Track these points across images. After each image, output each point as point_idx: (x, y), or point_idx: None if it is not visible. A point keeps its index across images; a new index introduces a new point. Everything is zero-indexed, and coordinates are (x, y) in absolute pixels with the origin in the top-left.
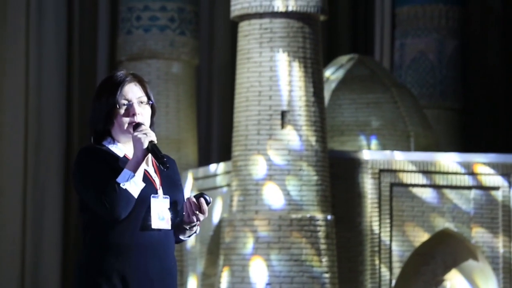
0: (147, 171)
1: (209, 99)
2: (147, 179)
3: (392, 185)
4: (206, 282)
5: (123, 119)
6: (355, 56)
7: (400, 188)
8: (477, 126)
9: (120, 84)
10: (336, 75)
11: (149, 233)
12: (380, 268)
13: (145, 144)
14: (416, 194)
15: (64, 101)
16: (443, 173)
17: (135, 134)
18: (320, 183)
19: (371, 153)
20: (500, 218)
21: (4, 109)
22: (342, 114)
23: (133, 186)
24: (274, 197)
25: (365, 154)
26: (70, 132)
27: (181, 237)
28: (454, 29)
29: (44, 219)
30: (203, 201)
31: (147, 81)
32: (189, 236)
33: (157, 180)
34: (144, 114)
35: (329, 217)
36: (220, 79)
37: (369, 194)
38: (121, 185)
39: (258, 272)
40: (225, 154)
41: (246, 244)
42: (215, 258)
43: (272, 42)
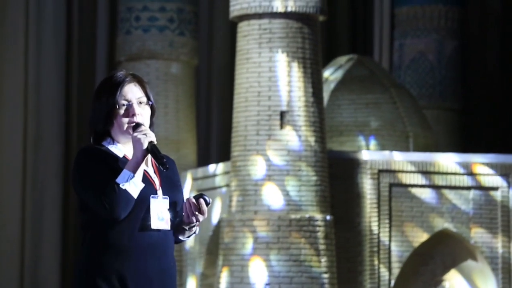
0: (146, 172)
1: (208, 99)
2: (147, 180)
3: (391, 186)
4: (205, 282)
5: (123, 120)
6: (354, 56)
7: (399, 189)
8: (476, 127)
9: (120, 84)
10: (335, 76)
11: (149, 233)
12: (379, 269)
13: (145, 145)
14: (415, 195)
15: (63, 100)
16: (442, 173)
17: (135, 134)
18: (319, 184)
19: (370, 154)
20: (499, 218)
21: (3, 108)
22: (341, 114)
23: (132, 186)
24: (273, 197)
25: (364, 155)
26: (69, 131)
27: (180, 237)
28: (453, 29)
29: (43, 218)
30: (202, 202)
31: (147, 81)
32: (188, 237)
33: (156, 181)
34: (143, 115)
35: (328, 217)
36: (219, 79)
37: (368, 195)
38: (120, 185)
39: (257, 272)
40: (224, 155)
41: (245, 244)
42: (214, 258)
43: (271, 42)
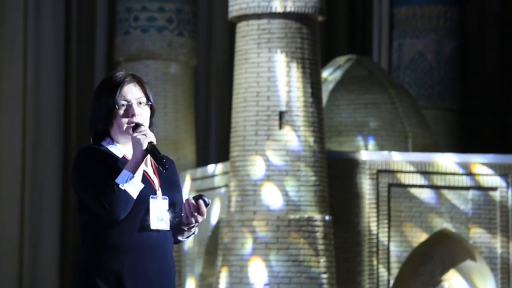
0: (146, 172)
1: (207, 99)
2: (146, 180)
3: (390, 186)
4: (204, 282)
5: (122, 120)
6: (353, 56)
7: (398, 189)
8: (475, 127)
9: (120, 84)
10: (334, 76)
11: (148, 233)
12: (378, 269)
13: (144, 145)
14: (414, 195)
15: (62, 101)
16: (441, 173)
17: (134, 135)
18: (318, 184)
19: (369, 154)
20: (498, 218)
21: (2, 108)
22: (340, 114)
23: (132, 187)
24: (272, 197)
25: (363, 155)
26: (68, 132)
27: (179, 238)
28: (452, 29)
29: (42, 219)
30: (201, 203)
31: (146, 81)
32: (187, 237)
33: (156, 181)
34: (143, 115)
35: (327, 217)
36: (218, 79)
37: (367, 195)
38: (120, 186)
39: (256, 273)
40: (223, 155)
41: (244, 244)
42: (213, 258)
43: (270, 42)
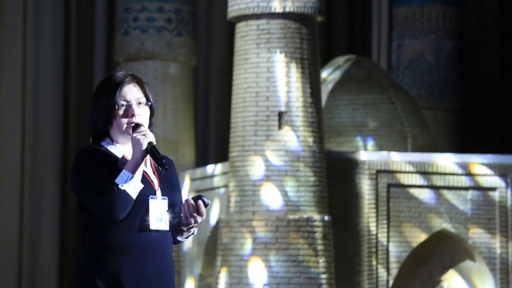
0: (145, 172)
1: (206, 100)
2: (146, 180)
3: (389, 186)
4: (203, 283)
5: (122, 120)
6: (352, 57)
7: (397, 189)
8: (475, 127)
9: (119, 85)
10: (333, 76)
11: (147, 234)
12: (378, 269)
13: (144, 145)
14: (413, 195)
15: (61, 102)
16: (441, 173)
17: (134, 135)
18: (317, 184)
19: (368, 154)
20: (497, 218)
21: (1, 110)
22: (339, 115)
23: (131, 187)
24: (271, 198)
25: (362, 155)
26: (67, 133)
27: (178, 238)
28: (451, 30)
29: (41, 220)
30: (201, 203)
31: (146, 82)
32: (186, 238)
33: (155, 181)
34: (143, 115)
35: (326, 217)
36: (218, 80)
37: (366, 195)
38: (119, 186)
39: (255, 273)
40: (223, 155)
41: (243, 245)
42: (212, 259)
43: (269, 43)
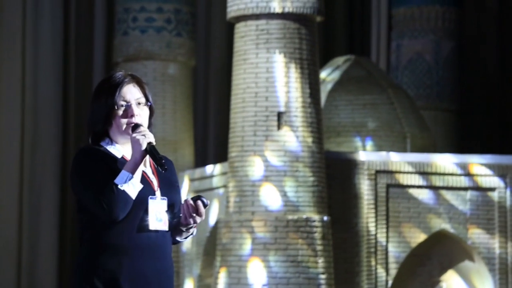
0: (145, 173)
1: (205, 100)
2: (145, 181)
3: (388, 186)
4: (202, 283)
5: (121, 120)
6: (352, 57)
7: (397, 189)
8: (474, 127)
9: (119, 85)
10: (332, 76)
11: (147, 234)
12: (377, 269)
13: (144, 146)
14: (412, 195)
15: (60, 101)
16: (440, 174)
17: (134, 135)
18: (316, 184)
19: (367, 154)
20: (496, 219)
21: (1, 109)
22: (338, 115)
23: (131, 187)
24: (270, 198)
25: (362, 155)
26: (66, 133)
27: (177, 238)
28: (450, 30)
29: (40, 220)
30: (200, 204)
31: (146, 82)
32: (185, 238)
33: (155, 182)
34: (142, 115)
35: (325, 218)
36: (217, 80)
37: (365, 195)
38: (119, 186)
39: (254, 273)
40: (222, 155)
41: (242, 245)
42: (211, 259)
43: (268, 43)
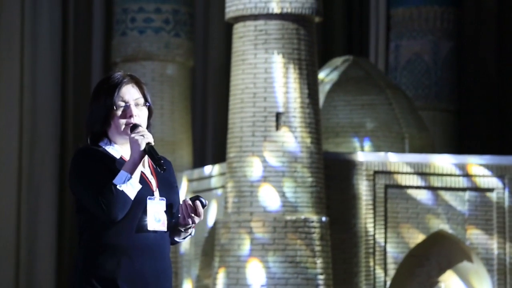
0: (143, 173)
1: (204, 100)
2: (144, 181)
3: (386, 187)
4: (200, 284)
5: (120, 121)
6: (350, 57)
7: (395, 190)
8: (472, 128)
9: (118, 85)
10: (330, 77)
11: (145, 234)
12: (375, 270)
13: (142, 146)
14: (411, 196)
15: (59, 101)
16: (438, 174)
17: (132, 135)
18: (315, 185)
19: (365, 155)
20: (494, 219)
21: None
22: (337, 115)
23: (129, 188)
24: (269, 198)
25: (360, 156)
26: (64, 133)
27: (176, 239)
28: (449, 30)
29: (38, 220)
30: (199, 204)
31: (144, 82)
32: (184, 238)
33: (153, 182)
34: (141, 116)
35: (323, 218)
36: (215, 80)
37: (363, 196)
38: (117, 186)
39: (253, 274)
40: (220, 156)
41: (241, 245)
42: (209, 260)
43: (267, 43)
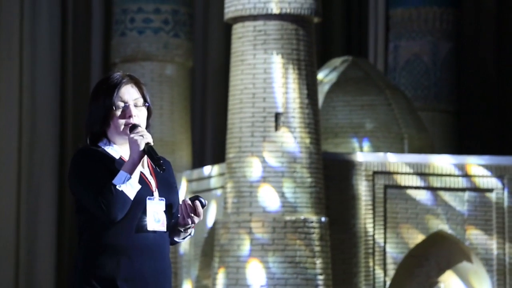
0: (142, 173)
1: (203, 101)
2: (143, 181)
3: (386, 187)
4: (200, 284)
5: (119, 121)
6: (349, 58)
7: (394, 190)
8: (472, 128)
9: (117, 85)
10: (330, 77)
11: (145, 235)
12: (374, 270)
13: (142, 146)
14: (410, 196)
15: (58, 102)
16: (437, 175)
17: (132, 136)
18: (314, 185)
19: (365, 155)
20: (494, 219)
21: None
22: (336, 116)
23: (129, 188)
24: (268, 199)
25: (359, 156)
26: (64, 133)
27: (175, 239)
28: (448, 31)
29: (38, 220)
30: (198, 204)
31: (144, 82)
32: (183, 238)
33: (153, 182)
34: (140, 116)
35: (323, 219)
36: (214, 81)
37: (363, 196)
38: (117, 186)
39: (253, 274)
40: (219, 156)
41: (240, 246)
42: (209, 260)
43: (266, 44)
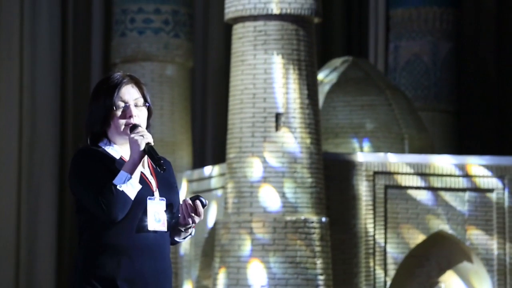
0: (143, 173)
1: (203, 101)
2: (144, 181)
3: (386, 187)
4: (200, 285)
5: (120, 121)
6: (349, 58)
7: (395, 190)
8: (472, 128)
9: (117, 85)
10: (330, 78)
11: (145, 234)
12: (375, 270)
13: (142, 146)
14: (410, 196)
15: (58, 102)
16: (438, 175)
17: (132, 136)
18: (314, 185)
19: (365, 155)
20: (494, 219)
21: None
22: (337, 116)
23: (129, 188)
24: (269, 199)
25: (360, 156)
26: (64, 133)
27: (176, 238)
28: (448, 31)
29: (38, 220)
30: (199, 204)
31: (144, 83)
32: (184, 238)
33: (153, 182)
34: (140, 116)
35: (323, 219)
36: (215, 81)
37: (363, 196)
38: (118, 187)
39: (253, 274)
40: (220, 157)
41: (241, 246)
42: (209, 260)
43: (266, 44)
